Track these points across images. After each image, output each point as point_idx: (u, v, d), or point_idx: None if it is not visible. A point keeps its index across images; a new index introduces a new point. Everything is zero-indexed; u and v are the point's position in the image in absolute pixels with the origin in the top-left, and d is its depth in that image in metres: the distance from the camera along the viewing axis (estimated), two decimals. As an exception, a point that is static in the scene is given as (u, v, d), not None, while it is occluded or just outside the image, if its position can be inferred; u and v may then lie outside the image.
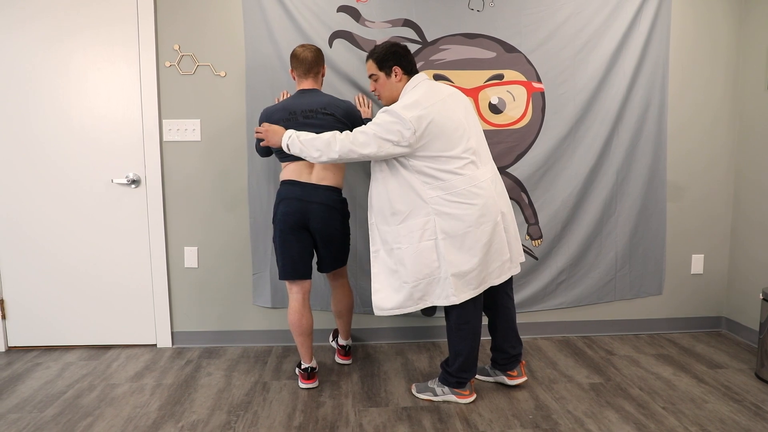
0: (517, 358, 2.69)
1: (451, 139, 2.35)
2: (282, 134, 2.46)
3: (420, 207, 2.38)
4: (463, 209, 2.36)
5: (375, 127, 2.32)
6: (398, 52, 2.47)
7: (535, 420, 2.41)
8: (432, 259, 2.39)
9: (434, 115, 2.33)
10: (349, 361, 3.02)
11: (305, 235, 2.66)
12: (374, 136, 2.31)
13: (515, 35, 3.15)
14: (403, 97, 2.43)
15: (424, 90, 2.40)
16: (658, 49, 3.23)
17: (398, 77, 2.48)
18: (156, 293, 3.24)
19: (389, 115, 2.32)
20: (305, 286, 2.72)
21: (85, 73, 3.10)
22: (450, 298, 2.40)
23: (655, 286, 3.43)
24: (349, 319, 2.97)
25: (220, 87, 3.14)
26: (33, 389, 2.74)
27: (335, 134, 2.36)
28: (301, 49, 2.69)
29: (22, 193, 3.15)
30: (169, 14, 3.08)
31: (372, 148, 2.32)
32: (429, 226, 2.38)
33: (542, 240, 3.30)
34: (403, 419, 2.43)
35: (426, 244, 2.38)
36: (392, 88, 2.50)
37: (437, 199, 2.36)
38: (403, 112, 2.30)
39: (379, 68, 2.49)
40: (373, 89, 2.57)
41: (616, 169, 3.28)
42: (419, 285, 2.42)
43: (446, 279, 2.38)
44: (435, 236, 2.38)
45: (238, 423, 2.41)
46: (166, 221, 3.21)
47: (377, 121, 2.33)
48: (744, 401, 2.56)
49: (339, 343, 3.04)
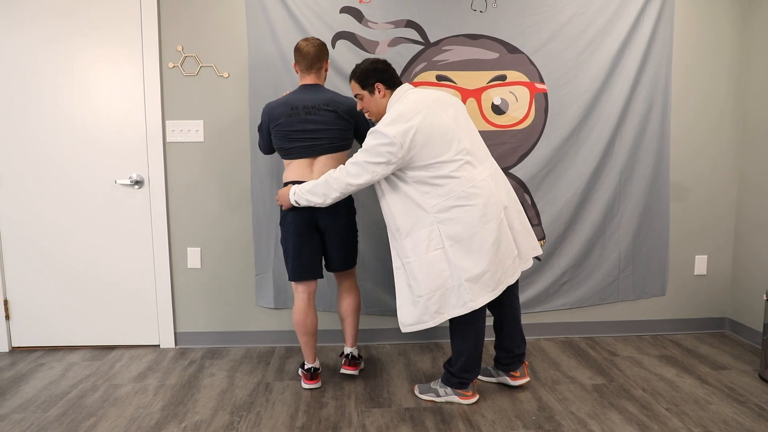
0: (520, 358, 2.68)
1: (440, 144, 2.35)
2: (288, 194, 2.56)
3: (422, 218, 2.38)
4: (464, 212, 2.35)
5: (363, 155, 2.36)
6: (378, 68, 2.49)
7: (538, 421, 2.41)
8: (442, 269, 2.38)
9: (418, 125, 2.33)
10: (356, 371, 2.85)
11: (314, 235, 2.66)
12: (365, 164, 2.35)
13: (518, 36, 3.15)
14: (387, 112, 2.45)
15: (406, 102, 2.41)
16: (661, 50, 3.22)
17: (381, 93, 2.50)
18: (159, 294, 3.25)
19: (374, 137, 2.35)
20: (311, 287, 2.72)
21: (88, 74, 3.11)
22: (468, 305, 2.38)
23: (658, 287, 3.42)
24: (354, 322, 2.85)
25: (223, 88, 3.15)
26: (36, 389, 2.74)
27: (330, 174, 2.45)
28: (304, 43, 2.65)
29: (26, 194, 3.16)
30: (173, 15, 3.09)
31: (366, 176, 2.37)
32: (434, 235, 2.38)
33: (545, 241, 3.30)
34: (405, 420, 2.43)
35: (434, 254, 2.38)
36: (378, 104, 2.52)
37: (438, 207, 2.36)
38: (386, 129, 2.32)
39: (362, 87, 2.51)
40: (361, 107, 2.59)
41: (619, 169, 3.27)
42: (432, 297, 2.40)
43: (460, 286, 2.37)
44: (442, 244, 2.37)
45: (240, 423, 2.41)
46: (169, 222, 3.22)
47: (365, 147, 2.37)
48: (748, 402, 2.55)
49: (344, 351, 2.89)
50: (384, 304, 3.27)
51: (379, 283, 3.25)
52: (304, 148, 2.62)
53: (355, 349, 2.88)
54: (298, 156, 2.63)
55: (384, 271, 3.23)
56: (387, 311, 3.28)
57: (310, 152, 2.62)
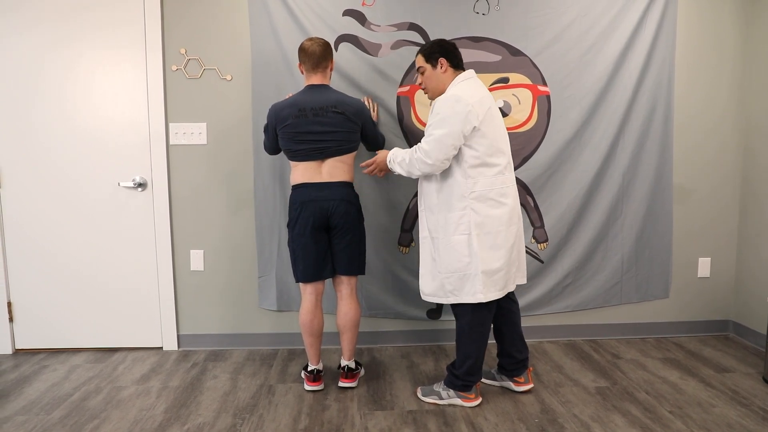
0: (524, 364, 2.68)
1: (495, 139, 2.41)
2: (386, 156, 2.61)
3: (458, 200, 2.41)
4: (497, 207, 2.43)
5: (439, 127, 2.35)
6: (445, 46, 2.51)
7: (541, 424, 2.40)
8: (463, 254, 2.42)
9: (490, 104, 2.41)
10: (354, 384, 2.77)
11: (323, 236, 2.66)
12: (441, 137, 2.34)
13: (521, 38, 3.15)
14: (453, 87, 2.45)
15: (475, 85, 2.45)
16: (664, 52, 3.22)
17: (443, 68, 2.48)
18: (162, 296, 3.25)
19: (447, 105, 2.35)
20: (319, 288, 2.71)
21: (92, 76, 3.12)
22: (477, 296, 2.42)
23: (661, 290, 3.41)
24: (352, 336, 2.75)
25: (226, 91, 3.15)
26: (40, 392, 2.75)
27: (412, 155, 2.44)
28: (309, 43, 2.63)
29: (29, 197, 3.17)
30: (176, 18, 3.10)
31: (443, 150, 2.35)
32: (464, 220, 2.41)
33: (548, 243, 3.29)
34: (408, 423, 2.43)
35: (459, 238, 2.42)
36: (438, 79, 2.50)
37: (475, 195, 2.41)
38: (461, 94, 2.36)
39: (426, 59, 2.50)
40: (420, 82, 2.57)
41: (622, 171, 3.27)
42: (450, 278, 2.45)
43: (476, 276, 2.41)
44: (469, 231, 2.41)
45: (243, 426, 2.41)
46: (173, 224, 3.23)
47: (438, 118, 2.36)
48: (752, 405, 2.54)
49: (341, 363, 2.81)
50: (387, 307, 3.27)
51: (382, 285, 3.25)
52: (312, 150, 2.61)
53: (352, 361, 2.80)
54: (305, 158, 2.62)
55: (387, 274, 3.24)
56: (390, 314, 3.28)
57: (318, 155, 2.61)
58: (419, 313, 3.29)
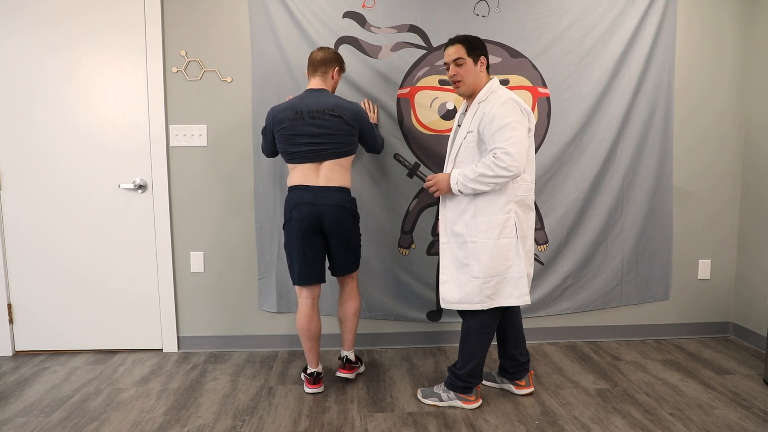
0: (525, 367, 2.68)
1: (530, 147, 2.43)
2: (448, 182, 2.44)
3: (504, 203, 2.40)
4: (529, 213, 2.49)
5: (507, 134, 2.28)
6: (484, 45, 2.48)
7: (542, 426, 2.40)
8: (508, 257, 2.42)
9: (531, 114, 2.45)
10: (352, 375, 2.83)
11: (319, 239, 2.66)
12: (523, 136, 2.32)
13: (520, 40, 3.15)
14: (496, 91, 2.42)
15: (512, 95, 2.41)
16: (664, 54, 3.22)
17: (482, 67, 2.46)
18: (162, 298, 3.25)
19: (509, 111, 2.31)
20: (315, 291, 2.72)
21: (92, 79, 3.12)
22: (523, 298, 2.45)
23: (661, 291, 3.41)
24: (352, 325, 2.83)
25: (226, 93, 3.16)
26: (40, 393, 2.75)
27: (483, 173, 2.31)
28: (316, 50, 2.71)
29: (30, 198, 3.17)
30: (176, 20, 3.11)
31: (519, 159, 2.28)
32: (509, 223, 2.41)
33: (548, 245, 3.29)
34: (408, 425, 2.43)
35: (505, 242, 2.42)
36: (476, 76, 2.45)
37: (517, 198, 2.43)
38: (518, 99, 2.38)
39: (468, 53, 2.44)
40: (453, 74, 2.45)
41: (621, 173, 3.27)
42: (489, 282, 2.43)
43: (520, 278, 2.44)
44: (514, 233, 2.42)
45: (243, 428, 2.41)
46: (173, 226, 3.23)
47: (503, 123, 2.28)
48: (752, 407, 2.54)
49: (341, 354, 2.88)
50: (387, 308, 3.27)
51: (382, 287, 3.25)
52: (308, 152, 2.62)
53: (352, 353, 2.86)
54: (302, 161, 2.63)
55: (387, 276, 3.24)
56: (390, 315, 3.28)
57: (315, 157, 2.62)
58: (419, 315, 3.29)
